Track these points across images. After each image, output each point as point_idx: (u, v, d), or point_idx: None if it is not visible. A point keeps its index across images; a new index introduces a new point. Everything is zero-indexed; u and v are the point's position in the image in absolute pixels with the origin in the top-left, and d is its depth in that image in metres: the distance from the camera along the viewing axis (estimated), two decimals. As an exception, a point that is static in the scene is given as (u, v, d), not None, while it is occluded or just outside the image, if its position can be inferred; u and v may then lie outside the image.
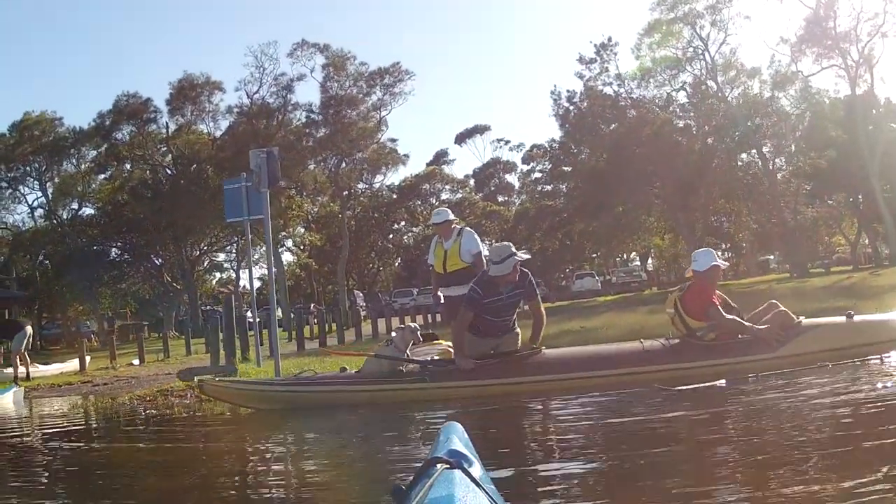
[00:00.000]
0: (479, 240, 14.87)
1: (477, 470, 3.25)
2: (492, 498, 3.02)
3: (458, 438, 3.59)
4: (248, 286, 74.83)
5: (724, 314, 11.74)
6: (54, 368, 31.13)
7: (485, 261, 14.09)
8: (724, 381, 10.35)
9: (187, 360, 31.99)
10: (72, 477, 8.93)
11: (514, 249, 12.19)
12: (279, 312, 60.69)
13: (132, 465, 9.34)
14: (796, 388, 9.69)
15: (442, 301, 15.20)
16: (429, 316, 47.80)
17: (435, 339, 14.97)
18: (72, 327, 75.63)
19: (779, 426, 7.80)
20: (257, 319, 22.37)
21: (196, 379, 14.93)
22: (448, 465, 3.03)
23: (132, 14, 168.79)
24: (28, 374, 27.22)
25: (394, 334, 12.75)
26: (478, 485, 2.96)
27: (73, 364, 31.50)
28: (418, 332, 12.60)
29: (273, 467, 8.71)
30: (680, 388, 10.08)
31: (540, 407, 10.95)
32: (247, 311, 35.69)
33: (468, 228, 15.29)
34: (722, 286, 12.87)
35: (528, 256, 12.64)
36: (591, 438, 8.48)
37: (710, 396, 9.80)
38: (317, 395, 12.33)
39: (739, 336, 11.75)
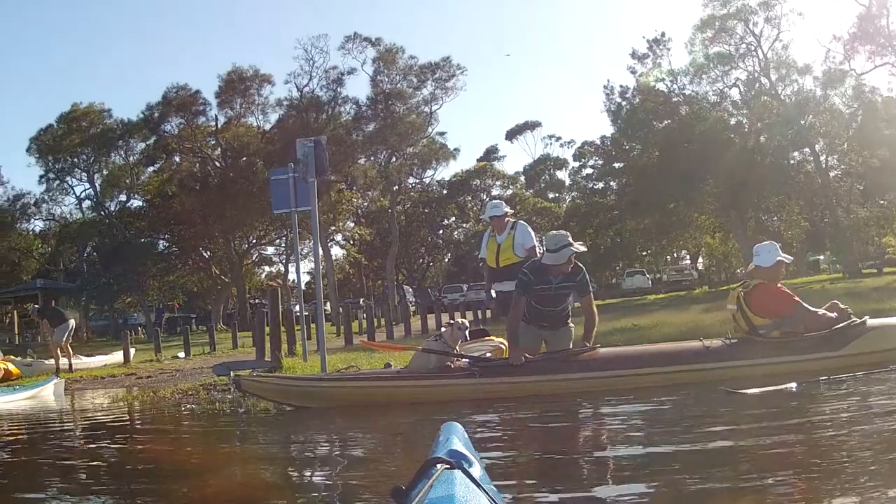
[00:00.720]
0: (533, 234, 14.56)
1: (477, 470, 3.22)
2: (492, 498, 2.99)
3: (458, 438, 3.56)
4: (296, 280, 74.48)
5: (811, 308, 11.39)
6: (98, 360, 31.02)
7: (539, 255, 13.76)
8: (794, 384, 9.84)
9: (233, 354, 31.96)
10: (106, 474, 8.63)
11: (570, 240, 11.80)
12: (327, 307, 60.59)
13: (169, 463, 8.99)
14: (874, 397, 9.13)
15: (494, 296, 14.87)
16: (478, 312, 47.28)
17: (486, 335, 14.64)
18: (119, 319, 75.93)
19: (860, 444, 7.06)
20: (304, 313, 22.06)
21: (232, 374, 14.30)
22: (448, 466, 3.03)
23: (181, 5, 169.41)
24: (70, 365, 27.13)
25: (443, 329, 12.37)
26: (478, 485, 2.96)
27: (117, 356, 31.40)
28: (467, 331, 12.16)
29: (299, 466, 8.57)
30: (747, 391, 9.59)
31: (590, 407, 10.53)
32: (295, 304, 35.30)
33: (522, 222, 15.01)
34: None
35: (584, 249, 12.21)
36: (643, 448, 7.92)
37: (780, 402, 9.26)
38: (359, 391, 11.88)
39: (806, 334, 11.33)
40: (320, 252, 19.40)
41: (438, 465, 3.03)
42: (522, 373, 11.31)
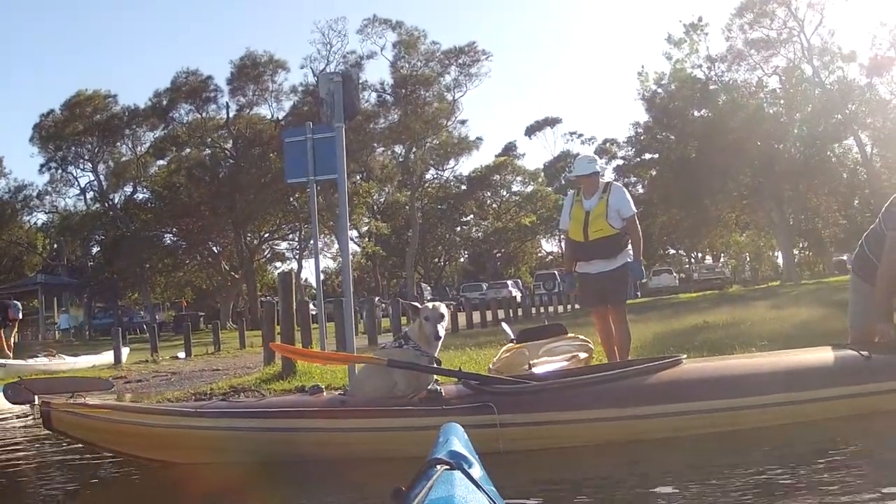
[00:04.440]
0: (630, 198, 11.00)
1: (477, 471, 3.13)
2: (492, 499, 2.95)
3: (457, 439, 3.45)
4: (311, 279, 72.20)
5: None
6: (85, 361, 28.63)
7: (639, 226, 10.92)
8: None
9: (240, 354, 30.37)
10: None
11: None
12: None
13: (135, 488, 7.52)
14: None
15: (575, 281, 11.63)
16: (509, 310, 43.68)
17: (563, 331, 11.53)
18: (123, 317, 74.09)
19: None
20: (324, 309, 18.48)
21: (37, 400, 8.57)
22: (448, 467, 3.00)
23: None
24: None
25: (405, 330, 8.14)
26: (478, 486, 2.94)
27: (107, 356, 29.26)
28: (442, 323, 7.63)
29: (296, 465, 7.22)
30: None
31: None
32: (309, 302, 32.45)
33: (618, 184, 11.61)
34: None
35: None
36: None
37: None
38: (250, 435, 7.35)
39: None
40: (346, 241, 15.70)
41: (438, 466, 3.00)
42: (577, 403, 7.22)
